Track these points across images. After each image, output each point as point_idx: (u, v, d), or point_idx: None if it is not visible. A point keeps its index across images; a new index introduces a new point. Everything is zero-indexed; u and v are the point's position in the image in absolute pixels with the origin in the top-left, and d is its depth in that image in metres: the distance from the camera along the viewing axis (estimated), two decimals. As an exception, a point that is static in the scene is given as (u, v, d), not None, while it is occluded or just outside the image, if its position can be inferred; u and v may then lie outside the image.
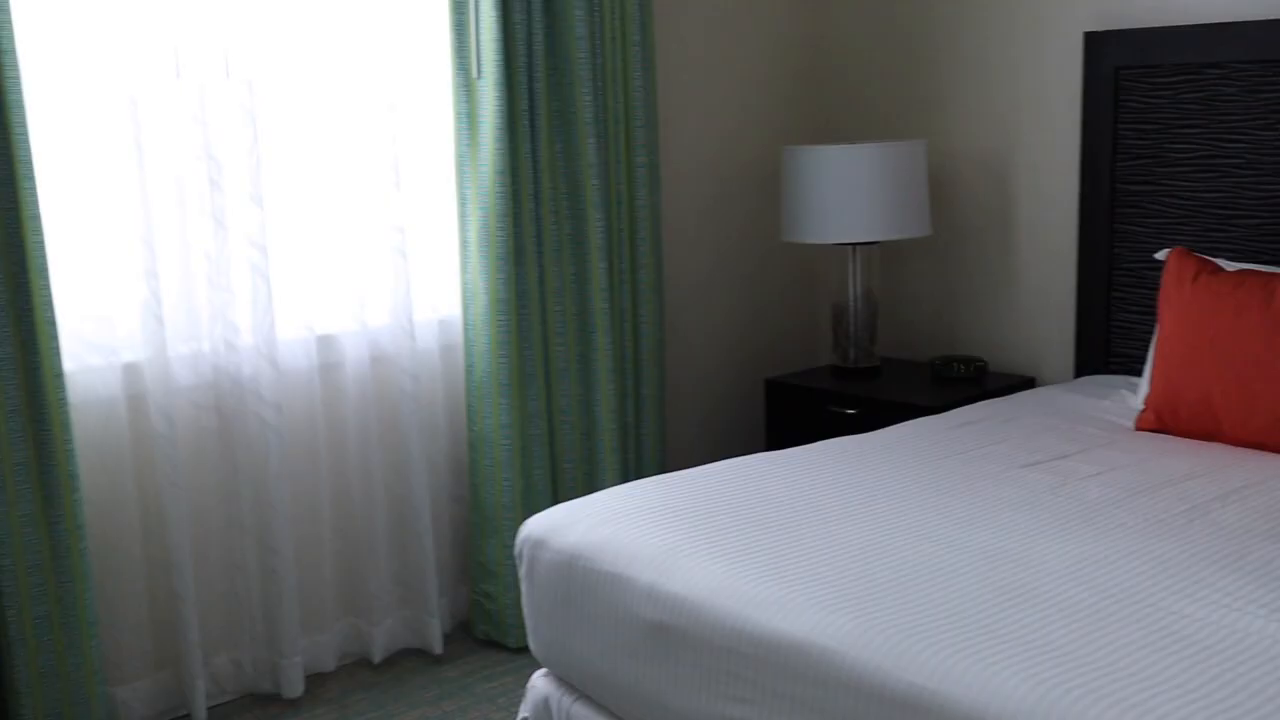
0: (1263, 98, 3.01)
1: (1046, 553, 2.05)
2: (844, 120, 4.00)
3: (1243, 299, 2.65)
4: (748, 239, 3.92)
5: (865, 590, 1.92)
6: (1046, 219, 3.53)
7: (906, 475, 2.50)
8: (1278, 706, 1.51)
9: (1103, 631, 1.75)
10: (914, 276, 3.88)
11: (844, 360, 3.69)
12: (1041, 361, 3.60)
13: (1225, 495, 2.33)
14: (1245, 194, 3.07)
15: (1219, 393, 2.65)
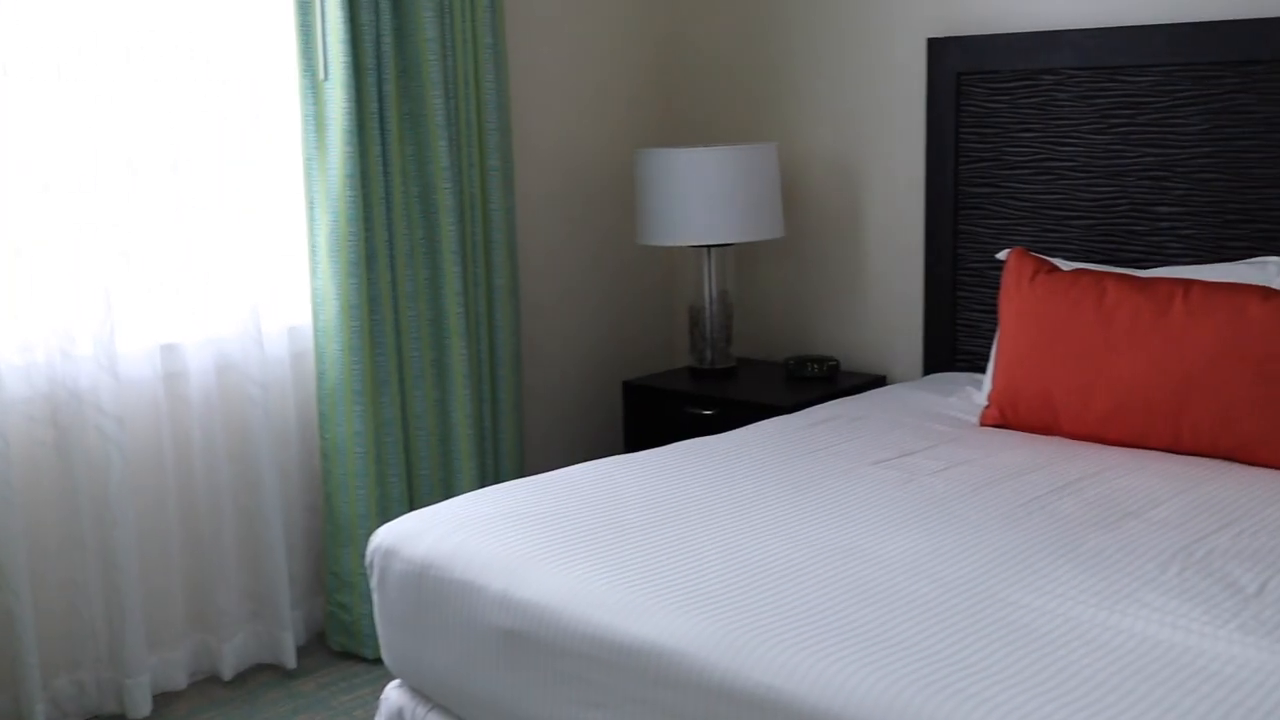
0: (1094, 103, 3.13)
1: (893, 548, 2.10)
2: (697, 123, 4.03)
3: (1077, 297, 2.74)
4: (603, 242, 3.93)
5: (717, 591, 1.94)
6: (894, 220, 3.61)
7: (760, 475, 2.52)
8: (1107, 691, 1.57)
9: (945, 625, 1.79)
10: (768, 278, 3.93)
11: (701, 361, 3.72)
12: (892, 360, 3.68)
13: (1062, 487, 2.40)
14: (1079, 195, 3.18)
15: (1057, 388, 2.74)
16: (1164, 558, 2.03)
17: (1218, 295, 2.57)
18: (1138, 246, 3.10)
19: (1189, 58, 2.95)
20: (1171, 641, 1.71)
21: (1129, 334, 2.64)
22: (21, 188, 2.70)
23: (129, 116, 2.86)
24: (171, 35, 2.89)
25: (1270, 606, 1.82)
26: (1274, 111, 2.86)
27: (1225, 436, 2.53)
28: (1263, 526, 2.16)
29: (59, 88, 2.70)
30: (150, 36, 2.87)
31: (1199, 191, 2.99)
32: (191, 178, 2.95)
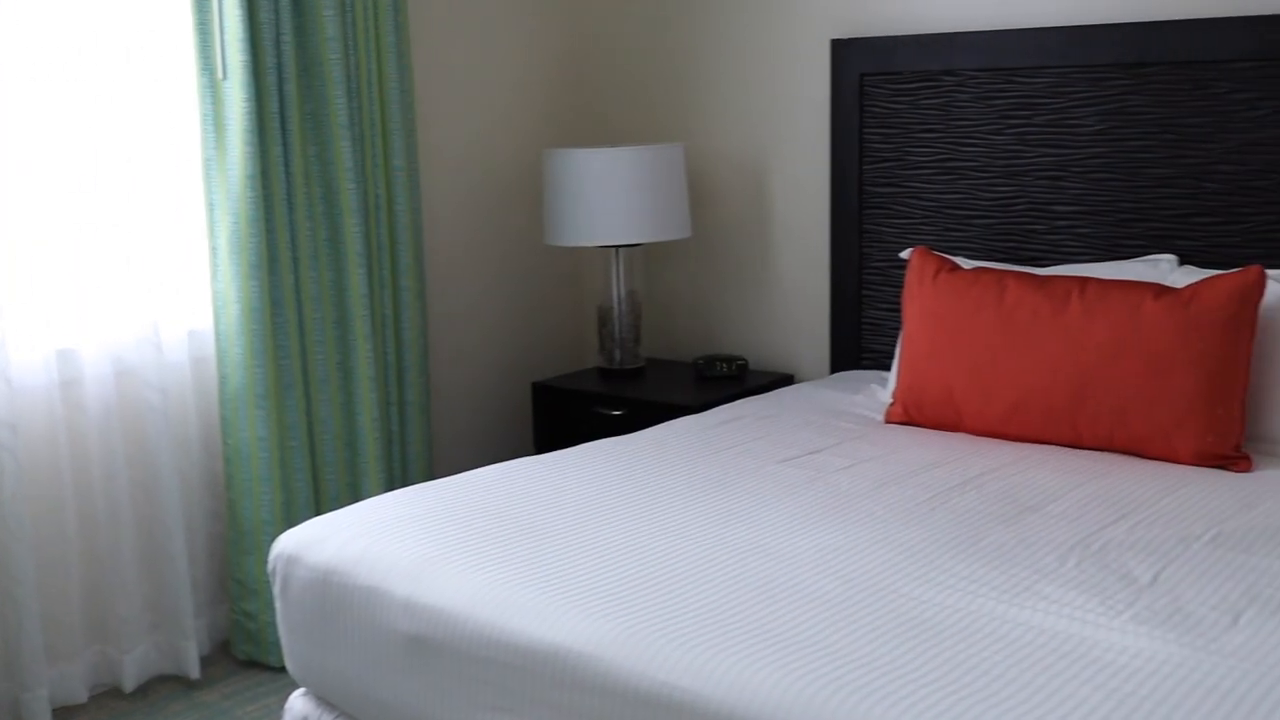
0: (994, 104, 3.18)
1: (799, 545, 2.11)
2: (604, 124, 4.03)
3: (978, 295, 2.79)
4: (512, 243, 3.91)
5: (623, 592, 1.93)
6: (800, 220, 3.64)
7: (667, 474, 2.53)
8: (1006, 683, 1.59)
9: (849, 621, 1.80)
10: (676, 277, 3.94)
11: (610, 362, 3.72)
12: (800, 358, 3.71)
13: (965, 483, 2.44)
14: (980, 195, 3.23)
15: (959, 385, 2.78)
16: (1062, 550, 2.06)
17: (1112, 293, 2.63)
18: (1037, 245, 3.16)
19: (1083, 59, 3.01)
20: (1068, 633, 1.74)
21: (1028, 331, 2.69)
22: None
23: (19, 118, 2.78)
24: (63, 32, 2.82)
25: (1163, 596, 1.86)
26: (1165, 112, 2.93)
27: (1121, 431, 2.58)
28: (1157, 518, 2.21)
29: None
30: (40, 34, 2.79)
31: (1094, 191, 3.05)
32: (86, 179, 2.88)
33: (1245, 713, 1.49)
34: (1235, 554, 2.03)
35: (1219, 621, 1.77)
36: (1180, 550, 2.05)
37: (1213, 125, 2.88)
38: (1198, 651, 1.67)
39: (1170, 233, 2.96)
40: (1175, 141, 2.93)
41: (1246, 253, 2.86)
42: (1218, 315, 2.51)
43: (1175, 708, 1.51)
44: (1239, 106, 2.83)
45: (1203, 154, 2.89)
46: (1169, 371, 2.53)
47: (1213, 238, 2.91)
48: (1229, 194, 2.87)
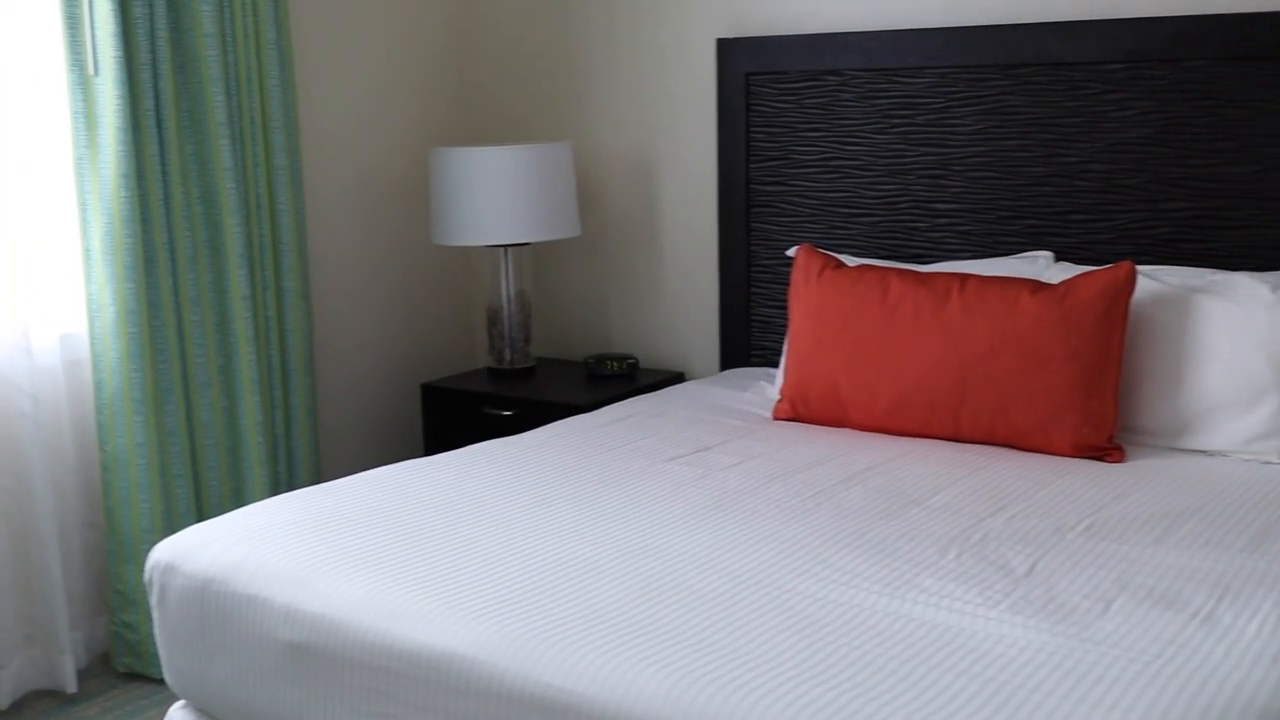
0: (876, 104, 3.22)
1: (686, 544, 2.11)
2: (491, 122, 4.00)
3: (862, 292, 2.82)
4: (399, 242, 3.86)
5: (509, 594, 1.92)
6: (689, 218, 3.66)
7: (556, 474, 2.52)
8: (886, 676, 1.61)
9: (733, 618, 1.81)
10: (566, 277, 3.93)
11: (500, 362, 3.70)
12: (690, 356, 3.73)
13: (849, 478, 2.47)
14: (864, 193, 3.27)
15: (844, 382, 2.81)
16: (943, 543, 2.10)
17: (991, 289, 2.68)
18: (920, 242, 3.21)
19: (962, 60, 3.07)
20: (947, 624, 1.77)
21: (911, 327, 2.73)
22: None
23: (-124, 113, 2.67)
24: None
25: (1038, 586, 1.90)
26: (1041, 112, 3.00)
27: (1001, 425, 2.64)
28: (1034, 509, 2.26)
29: None
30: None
31: (974, 189, 3.11)
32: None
33: (1114, 698, 1.53)
34: (1108, 543, 2.09)
35: (1091, 610, 1.81)
36: (1055, 540, 2.10)
37: (1085, 125, 2.95)
38: (1070, 640, 1.70)
39: (1046, 230, 3.03)
40: (1050, 141, 3.00)
41: (1118, 249, 2.94)
42: (1091, 310, 2.57)
43: (1048, 695, 1.55)
44: (1109, 107, 2.91)
45: (1076, 153, 2.97)
46: (1046, 366, 2.59)
47: (1086, 234, 2.98)
48: (1101, 192, 2.95)
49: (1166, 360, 2.62)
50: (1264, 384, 2.51)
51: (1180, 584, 1.90)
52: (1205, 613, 1.79)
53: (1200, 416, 2.58)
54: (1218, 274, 2.71)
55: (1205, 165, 2.82)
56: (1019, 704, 1.53)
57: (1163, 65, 2.84)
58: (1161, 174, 2.88)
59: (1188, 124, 2.83)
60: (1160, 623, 1.76)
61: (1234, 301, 2.58)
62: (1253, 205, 2.78)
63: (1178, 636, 1.71)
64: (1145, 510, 2.25)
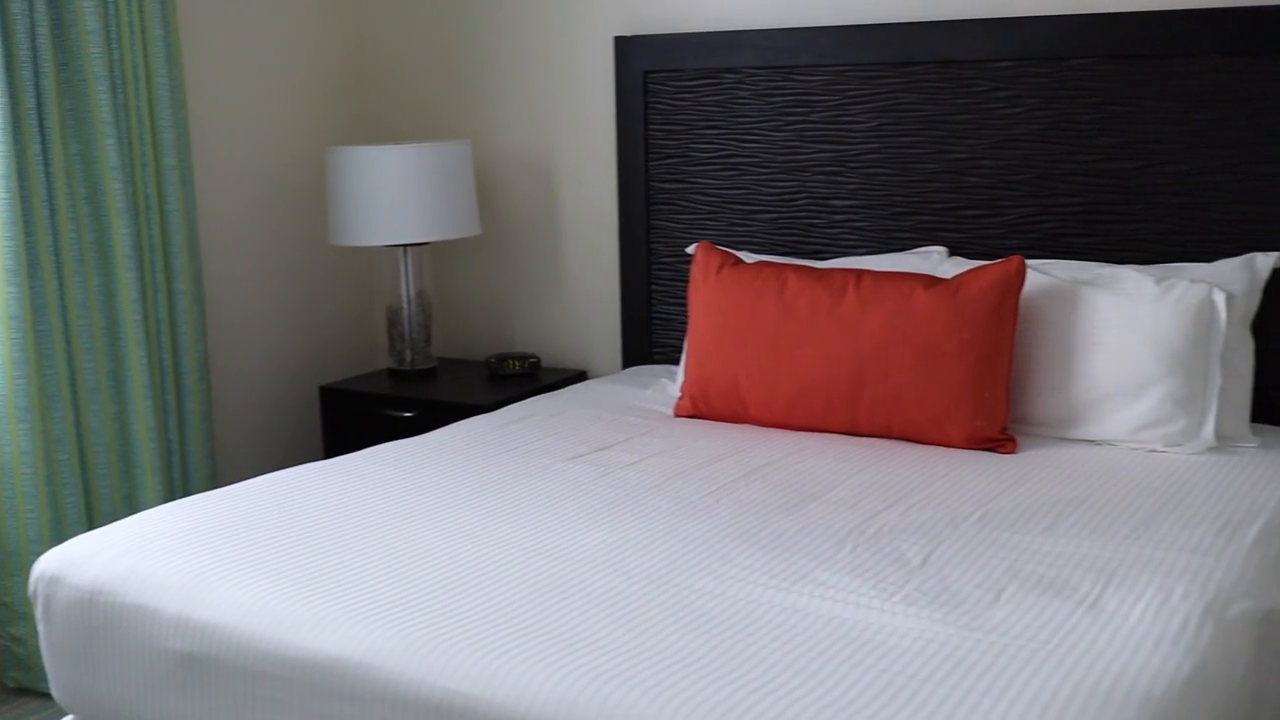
0: (773, 101, 3.24)
1: (585, 543, 2.11)
2: (389, 121, 3.96)
3: (760, 289, 2.84)
4: (295, 243, 3.80)
5: (404, 598, 1.90)
6: (589, 216, 3.65)
7: (454, 476, 2.49)
8: (782, 670, 1.62)
9: (632, 617, 1.81)
10: (467, 276, 3.90)
11: (400, 363, 3.66)
12: (592, 355, 3.72)
13: (749, 474, 2.48)
14: (762, 190, 3.30)
15: (744, 377, 2.83)
16: (839, 537, 2.12)
17: (886, 284, 2.72)
18: (817, 238, 3.24)
19: (855, 58, 3.10)
20: (843, 617, 1.79)
21: (808, 323, 2.76)
22: None
23: None
24: None
25: (932, 578, 1.93)
26: (933, 110, 3.04)
27: (897, 418, 2.67)
28: (929, 501, 2.29)
29: None
30: None
31: (869, 186, 3.15)
32: None
33: (1002, 686, 1.56)
34: (1000, 532, 2.12)
35: (982, 599, 1.84)
36: (949, 531, 2.13)
37: (974, 122, 3.00)
38: (962, 629, 1.73)
39: (940, 225, 3.08)
40: (942, 138, 3.04)
41: (1008, 243, 2.99)
42: (983, 304, 2.62)
43: (939, 685, 1.57)
44: (998, 104, 2.96)
45: (966, 149, 3.02)
46: (940, 359, 2.62)
47: (978, 229, 3.03)
48: (991, 188, 3.00)
49: (1056, 352, 2.67)
50: (1149, 375, 2.57)
51: (1068, 572, 1.94)
52: (1091, 599, 1.83)
53: (1089, 407, 2.64)
54: (1104, 267, 2.77)
55: (1090, 161, 2.89)
56: (910, 694, 1.55)
57: (1048, 64, 2.90)
58: (1049, 170, 2.93)
59: (1073, 121, 2.89)
60: (1048, 610, 1.79)
61: (1120, 294, 2.65)
62: (1137, 200, 2.85)
63: (1064, 623, 1.75)
64: (1036, 500, 2.29)
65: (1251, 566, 1.98)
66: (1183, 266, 2.75)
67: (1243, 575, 1.94)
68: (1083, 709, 1.50)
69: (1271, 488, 2.34)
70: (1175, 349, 2.56)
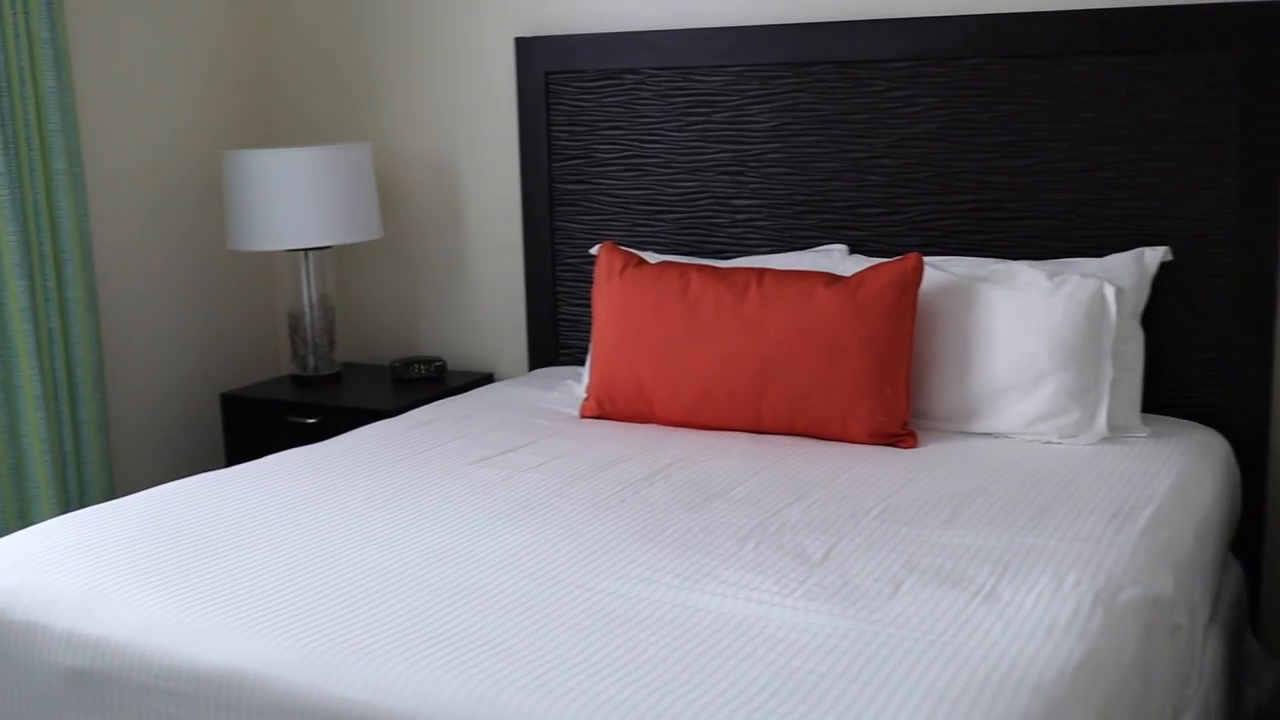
0: (674, 102, 3.26)
1: (489, 547, 2.10)
2: (287, 124, 3.90)
3: (663, 289, 2.85)
4: (193, 248, 3.73)
5: (304, 607, 1.87)
6: (493, 218, 3.63)
7: (356, 482, 2.47)
8: (682, 669, 1.62)
9: (534, 619, 1.80)
10: (370, 280, 3.86)
11: (303, 369, 3.61)
12: (498, 357, 3.70)
13: (654, 474, 2.49)
14: (665, 190, 3.31)
15: (648, 377, 2.83)
16: (742, 534, 2.13)
17: (787, 283, 2.74)
18: (721, 238, 3.26)
19: (755, 59, 3.13)
20: (744, 614, 1.80)
21: (711, 322, 2.77)
22: None
23: None
24: None
25: (833, 573, 1.95)
26: (832, 110, 3.07)
27: (800, 415, 2.69)
28: (831, 497, 2.32)
29: None
30: None
31: (771, 185, 3.17)
32: None
33: (899, 678, 1.58)
34: (900, 526, 2.15)
35: (881, 592, 1.87)
36: (850, 526, 2.16)
37: (873, 121, 3.04)
38: (860, 623, 1.75)
39: (840, 223, 3.11)
40: (841, 137, 3.08)
41: (908, 241, 3.03)
42: (882, 301, 2.65)
43: (837, 679, 1.58)
44: (895, 104, 3.00)
45: (865, 148, 3.05)
46: (841, 356, 2.65)
47: (878, 227, 3.07)
48: (890, 186, 3.04)
49: (954, 348, 2.71)
50: (1043, 368, 2.63)
51: (965, 563, 1.98)
52: (987, 590, 1.87)
53: (986, 401, 2.68)
54: (1000, 263, 2.82)
55: (985, 159, 2.94)
56: (809, 689, 1.56)
57: (943, 64, 2.94)
58: (946, 168, 2.98)
59: (968, 120, 2.94)
60: (945, 602, 1.82)
61: (1014, 290, 2.70)
62: (1029, 197, 2.91)
63: (960, 614, 1.78)
64: (935, 493, 2.32)
65: (1141, 553, 2.03)
66: (1075, 261, 2.82)
67: (1132, 562, 1.98)
68: (976, 698, 1.52)
69: (1161, 476, 2.40)
70: (1068, 342, 2.62)
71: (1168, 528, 2.17)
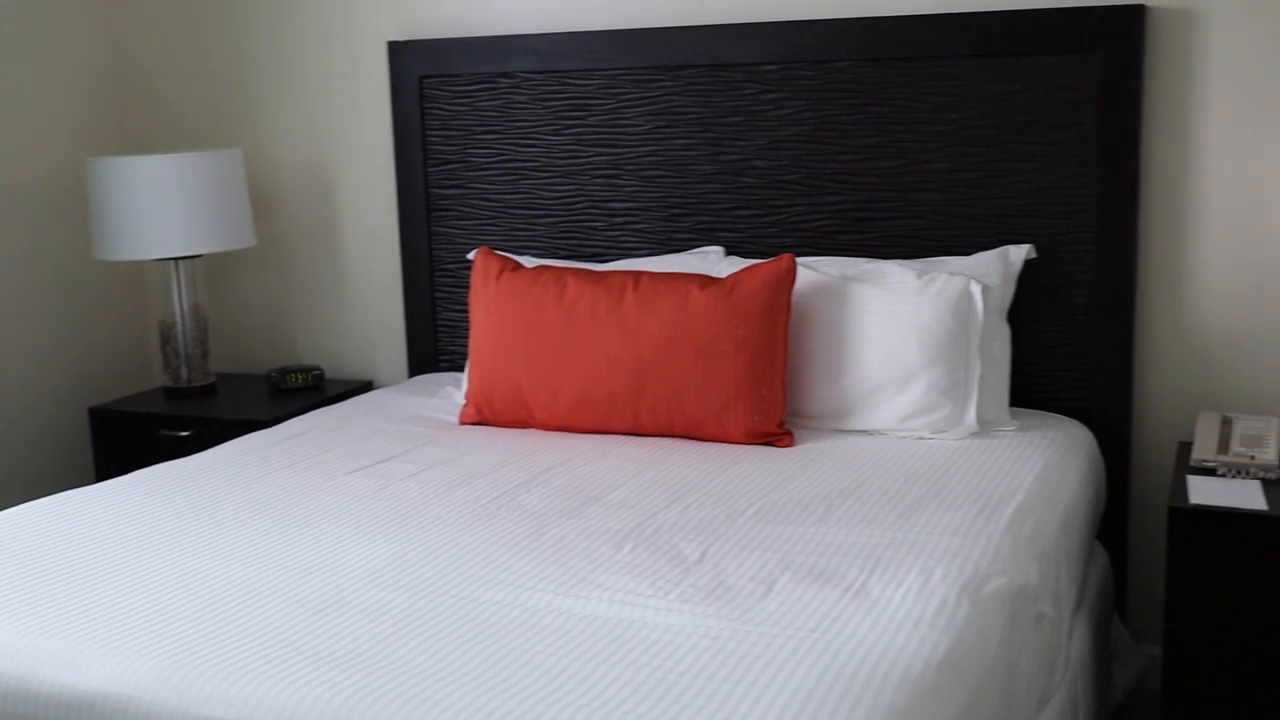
0: (550, 105, 3.25)
1: (361, 558, 2.07)
2: (154, 130, 3.80)
3: (539, 294, 2.84)
4: (58, 258, 3.62)
5: (170, 626, 1.83)
6: (369, 224, 3.59)
7: (227, 495, 2.42)
8: (554, 676, 1.62)
9: (406, 631, 1.78)
10: (245, 288, 3.79)
11: (176, 380, 3.53)
12: (378, 364, 3.66)
13: (531, 479, 2.48)
14: (542, 194, 3.30)
15: (527, 382, 2.82)
16: (619, 538, 2.13)
17: (663, 285, 2.75)
18: (598, 241, 3.26)
19: (629, 62, 3.13)
20: (619, 618, 1.80)
21: (588, 326, 2.77)
22: None
23: None
24: None
25: (708, 573, 1.96)
26: (705, 112, 3.09)
27: (678, 417, 2.71)
28: (707, 498, 2.33)
29: None
30: None
31: (647, 188, 3.19)
32: None
33: (770, 676, 1.60)
34: (775, 525, 2.18)
35: (755, 591, 1.88)
36: (726, 527, 2.17)
37: (746, 124, 3.06)
38: (734, 622, 1.76)
39: (717, 225, 3.14)
40: (715, 140, 3.10)
41: (782, 242, 3.07)
42: (756, 302, 2.67)
43: (709, 679, 1.59)
44: (767, 106, 3.04)
45: (739, 151, 3.08)
46: (717, 357, 2.67)
47: (754, 229, 3.10)
48: (764, 188, 3.07)
49: (828, 347, 2.75)
50: (914, 365, 2.68)
51: (838, 560, 2.00)
52: (858, 586, 1.89)
53: (860, 398, 2.72)
54: (871, 263, 2.87)
55: (855, 161, 2.98)
56: (681, 690, 1.57)
57: (812, 66, 2.98)
58: (818, 170, 3.02)
59: (837, 122, 2.98)
60: (817, 599, 1.85)
61: (885, 288, 2.74)
62: (898, 197, 2.96)
63: (831, 611, 1.80)
64: (810, 491, 2.35)
65: (1006, 545, 2.08)
66: (944, 260, 2.87)
67: (998, 553, 2.03)
68: (844, 693, 1.55)
69: (1028, 468, 2.46)
70: (938, 340, 2.67)
71: (1033, 519, 2.23)
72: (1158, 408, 2.89)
